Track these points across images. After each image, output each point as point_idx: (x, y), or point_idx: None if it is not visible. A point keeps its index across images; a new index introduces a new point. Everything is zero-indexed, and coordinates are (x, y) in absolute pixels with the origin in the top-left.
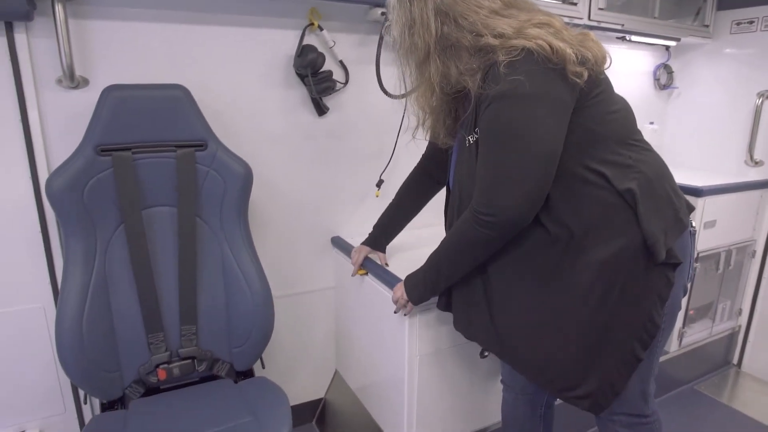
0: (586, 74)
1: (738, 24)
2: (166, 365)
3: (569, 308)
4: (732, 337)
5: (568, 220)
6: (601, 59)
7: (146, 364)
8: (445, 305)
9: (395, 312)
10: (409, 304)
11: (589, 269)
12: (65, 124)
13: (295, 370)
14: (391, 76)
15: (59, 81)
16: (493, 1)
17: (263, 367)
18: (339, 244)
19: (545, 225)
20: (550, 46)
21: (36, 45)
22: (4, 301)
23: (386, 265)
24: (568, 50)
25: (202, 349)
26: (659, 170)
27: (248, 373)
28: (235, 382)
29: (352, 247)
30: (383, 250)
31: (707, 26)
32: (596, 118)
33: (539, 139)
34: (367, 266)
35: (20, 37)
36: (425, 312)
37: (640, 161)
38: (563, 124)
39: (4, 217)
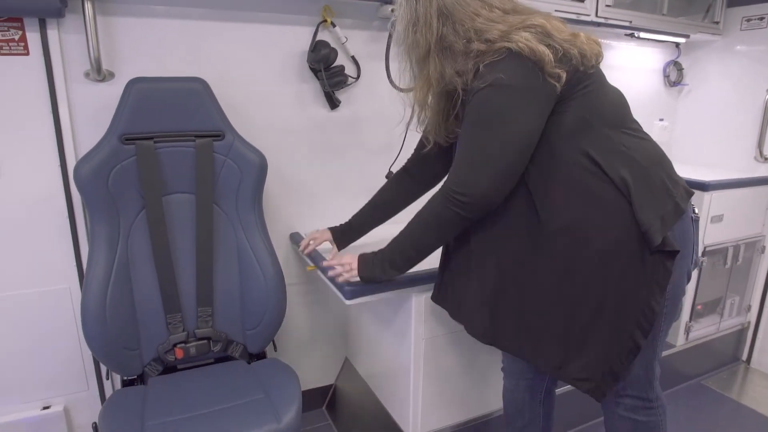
0: (564, 74)
1: (748, 20)
2: (183, 345)
3: (566, 291)
4: (741, 333)
5: (564, 207)
6: (592, 56)
7: (164, 343)
8: (439, 298)
9: (330, 274)
10: (353, 272)
11: (587, 258)
12: (91, 114)
13: (307, 357)
14: (401, 70)
15: (87, 74)
16: (492, 10)
17: (275, 350)
18: None
19: (540, 213)
20: (529, 47)
21: (66, 40)
22: (33, 282)
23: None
24: (547, 52)
25: (217, 331)
26: (654, 157)
27: (261, 355)
28: (248, 363)
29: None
30: (344, 245)
31: (717, 23)
32: (587, 108)
33: (517, 125)
34: (315, 262)
35: (52, 33)
36: (429, 294)
37: (633, 149)
38: (542, 116)
39: (35, 204)
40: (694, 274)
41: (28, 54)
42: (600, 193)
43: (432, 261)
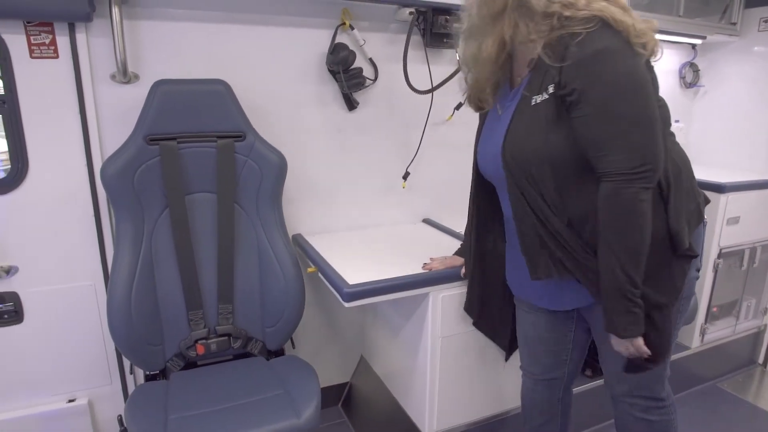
0: (647, 51)
1: (766, 21)
2: (204, 341)
3: None
4: (757, 336)
5: None
6: (655, 48)
7: (186, 339)
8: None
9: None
10: (637, 341)
11: None
12: (117, 115)
13: (323, 355)
14: (418, 72)
15: (113, 76)
16: None
17: (293, 347)
18: None
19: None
20: (617, 19)
21: (93, 44)
22: (59, 279)
23: (464, 276)
24: (633, 28)
25: (237, 327)
26: (685, 161)
27: (279, 352)
28: (267, 359)
29: None
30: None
31: (734, 24)
32: None
33: (649, 87)
34: (317, 264)
35: (80, 37)
36: (447, 293)
37: (672, 150)
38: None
39: (62, 202)
40: (710, 276)
41: (57, 57)
42: None
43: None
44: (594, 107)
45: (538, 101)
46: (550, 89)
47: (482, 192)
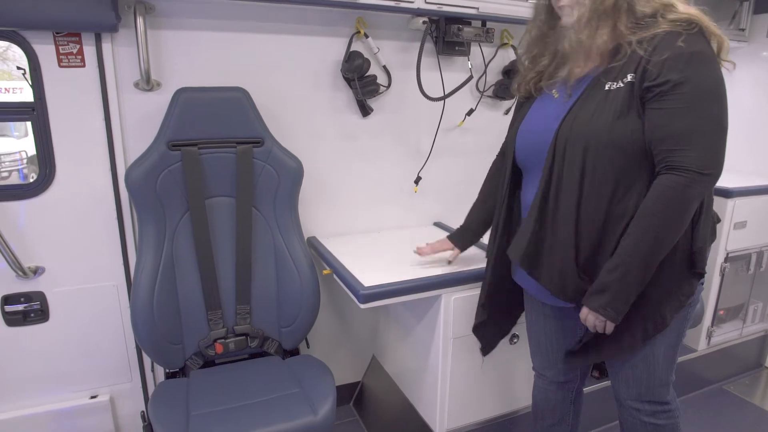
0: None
1: None
2: (222, 340)
3: None
4: (764, 339)
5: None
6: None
7: (205, 338)
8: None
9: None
10: (608, 323)
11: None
12: (139, 121)
13: (335, 354)
14: (430, 79)
15: (136, 84)
16: None
17: (308, 347)
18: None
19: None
20: (709, 28)
21: (118, 53)
22: (83, 279)
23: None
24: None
25: (254, 327)
26: None
27: (294, 352)
28: (283, 358)
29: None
30: (463, 248)
31: (743, 30)
32: None
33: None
34: (332, 266)
35: (106, 47)
36: (459, 295)
37: None
38: None
39: (87, 206)
40: (717, 279)
41: (84, 66)
42: None
43: (461, 265)
44: (684, 101)
45: (612, 88)
46: (628, 77)
47: (514, 179)
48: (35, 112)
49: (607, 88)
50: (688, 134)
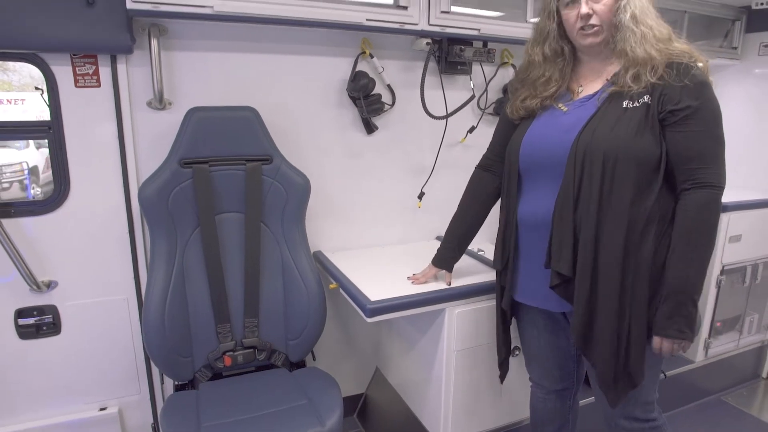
0: None
1: (766, 46)
2: (231, 353)
3: None
4: (761, 350)
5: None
6: None
7: (214, 351)
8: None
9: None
10: (685, 343)
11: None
12: (151, 139)
13: (340, 367)
14: (433, 98)
15: (149, 103)
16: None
17: (314, 359)
18: None
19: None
20: (701, 60)
21: (132, 73)
22: (95, 293)
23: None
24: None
25: (262, 340)
26: None
27: (300, 364)
28: (290, 371)
29: None
30: (450, 269)
31: (735, 48)
32: None
33: None
34: (338, 280)
35: (121, 67)
36: (462, 309)
37: None
38: None
39: (100, 221)
40: (713, 291)
41: (99, 86)
42: None
43: (463, 279)
44: (704, 125)
45: (629, 106)
46: (645, 98)
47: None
48: (51, 131)
49: (624, 105)
50: (712, 155)
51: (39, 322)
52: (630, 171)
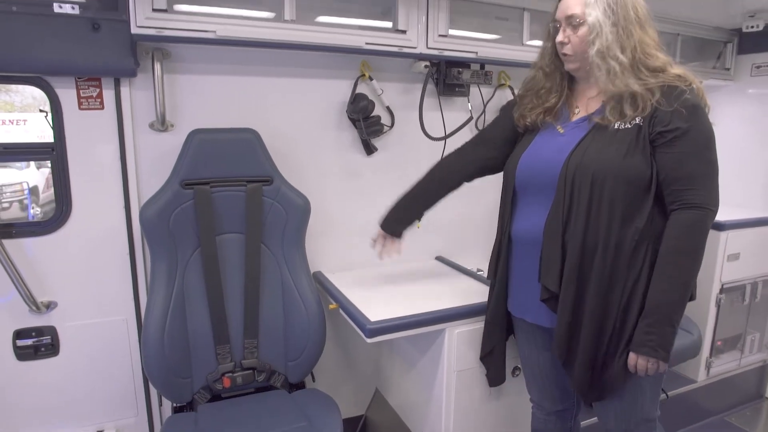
0: None
1: (758, 67)
2: (230, 374)
3: None
4: (763, 369)
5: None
6: None
7: (213, 372)
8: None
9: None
10: (660, 363)
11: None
12: (153, 160)
13: (339, 388)
14: (432, 119)
15: (151, 125)
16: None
17: (314, 381)
18: None
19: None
20: (695, 84)
21: (135, 96)
22: (94, 313)
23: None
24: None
25: (261, 361)
26: None
27: (300, 386)
28: (289, 392)
29: None
30: (399, 235)
31: (728, 69)
32: None
33: None
34: (338, 301)
35: (125, 90)
36: (462, 329)
37: None
38: None
39: (101, 242)
40: (713, 310)
41: (103, 108)
42: None
43: (463, 299)
44: (692, 147)
45: (620, 127)
46: (636, 120)
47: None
48: (54, 152)
49: (616, 127)
50: (701, 176)
51: (37, 343)
52: (619, 191)
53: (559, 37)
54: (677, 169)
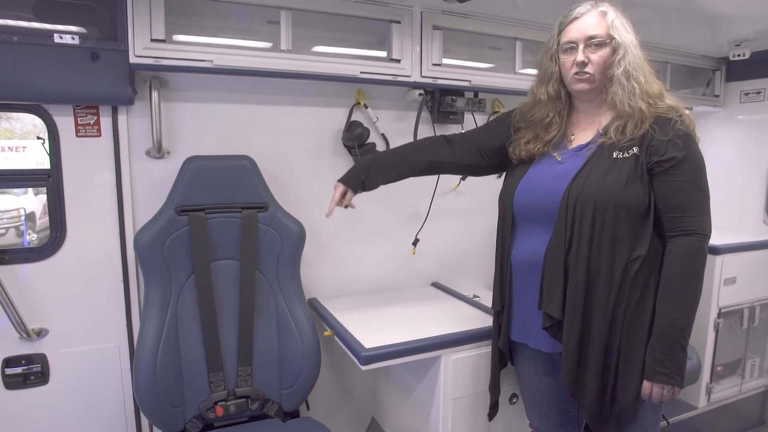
0: None
1: (746, 94)
2: (223, 402)
3: None
4: (765, 395)
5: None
6: None
7: (206, 401)
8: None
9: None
10: (675, 389)
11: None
12: (148, 187)
13: (335, 416)
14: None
15: (148, 152)
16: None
17: (308, 409)
18: None
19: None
20: (685, 114)
21: (132, 123)
22: (86, 340)
23: (348, 206)
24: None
25: (255, 389)
26: None
27: (294, 414)
28: (283, 421)
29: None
30: (356, 190)
31: (718, 96)
32: None
33: None
34: (333, 328)
35: (122, 118)
36: (458, 356)
37: None
38: None
39: (94, 268)
40: (712, 335)
41: (100, 135)
42: None
43: (460, 325)
44: (687, 176)
45: (619, 156)
46: (634, 150)
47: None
48: (50, 179)
49: (615, 156)
50: (697, 204)
51: (27, 371)
52: (620, 218)
53: (580, 57)
54: (675, 197)
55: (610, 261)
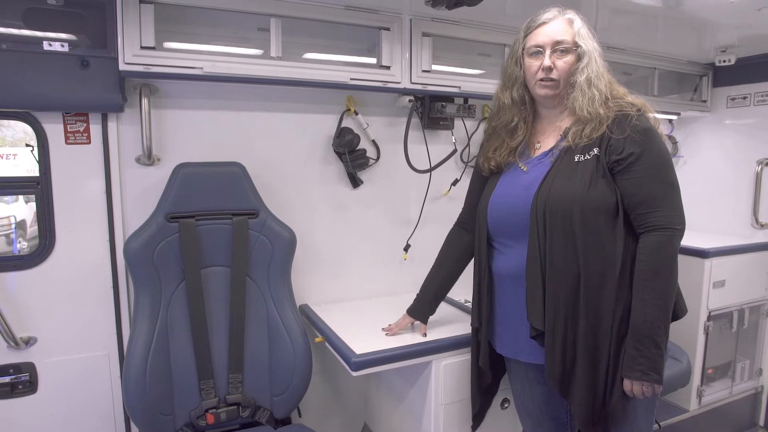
0: None
1: (733, 99)
2: (214, 410)
3: None
4: (755, 397)
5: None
6: None
7: (197, 409)
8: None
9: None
10: (655, 386)
11: None
12: (138, 194)
13: (327, 423)
14: (417, 152)
15: (138, 159)
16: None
17: (300, 416)
18: None
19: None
20: (646, 107)
21: (122, 130)
22: (75, 348)
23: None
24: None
25: (246, 397)
26: None
27: (286, 421)
28: (275, 428)
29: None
30: (425, 320)
31: (705, 101)
32: None
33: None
34: (324, 334)
35: (112, 125)
36: (448, 361)
37: None
38: None
39: (83, 276)
40: (702, 338)
41: (89, 143)
42: None
43: (450, 331)
44: (648, 170)
45: (581, 159)
46: (594, 151)
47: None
48: (40, 186)
49: (576, 159)
50: (659, 198)
51: (15, 381)
52: (589, 220)
53: (547, 62)
54: (637, 193)
55: (586, 264)
